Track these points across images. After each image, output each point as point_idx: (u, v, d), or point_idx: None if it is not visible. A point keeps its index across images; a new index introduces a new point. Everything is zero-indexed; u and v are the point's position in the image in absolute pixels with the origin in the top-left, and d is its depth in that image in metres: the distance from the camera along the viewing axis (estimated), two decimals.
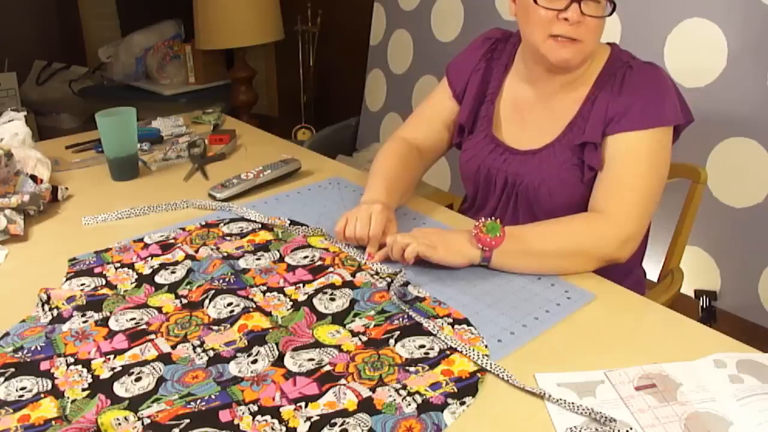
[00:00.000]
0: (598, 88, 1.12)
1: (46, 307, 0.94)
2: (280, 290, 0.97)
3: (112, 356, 0.83)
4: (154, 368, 0.81)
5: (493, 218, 1.01)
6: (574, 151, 1.12)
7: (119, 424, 0.70)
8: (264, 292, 0.97)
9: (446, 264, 1.00)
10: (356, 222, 1.08)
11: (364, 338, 0.86)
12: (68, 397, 0.76)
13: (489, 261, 1.00)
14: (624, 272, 1.12)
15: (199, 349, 0.84)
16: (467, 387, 0.77)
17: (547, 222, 1.06)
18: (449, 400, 0.75)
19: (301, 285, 0.99)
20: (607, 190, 1.06)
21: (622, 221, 1.03)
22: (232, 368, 0.81)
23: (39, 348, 0.85)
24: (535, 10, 1.06)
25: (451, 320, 0.89)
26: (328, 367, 0.80)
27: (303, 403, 0.74)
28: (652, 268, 1.46)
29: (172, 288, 0.99)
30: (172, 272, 1.03)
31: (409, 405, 0.74)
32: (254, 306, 0.93)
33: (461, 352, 0.82)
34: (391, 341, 0.85)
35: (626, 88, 1.08)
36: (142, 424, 0.71)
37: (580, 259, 1.01)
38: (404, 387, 0.77)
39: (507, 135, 1.21)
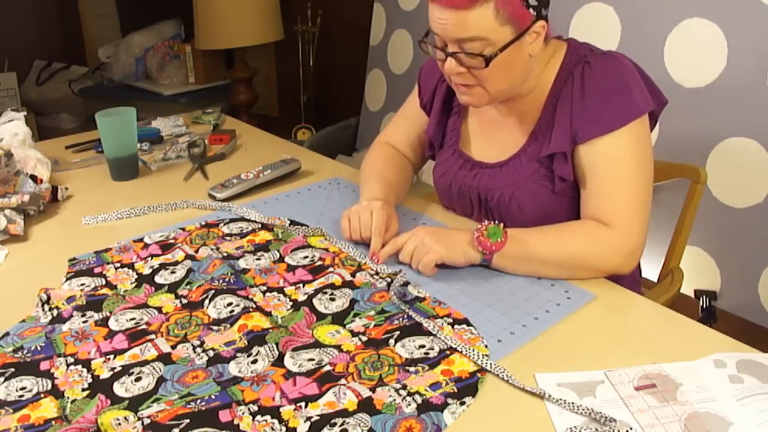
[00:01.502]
0: (557, 91, 1.07)
1: (46, 307, 0.94)
2: (280, 290, 0.97)
3: (112, 356, 0.83)
4: (154, 368, 0.81)
5: (495, 222, 1.00)
6: (542, 163, 1.08)
7: (119, 424, 0.70)
8: (264, 292, 0.97)
9: (446, 262, 1.00)
10: (358, 220, 1.09)
11: (364, 338, 0.86)
12: (68, 397, 0.76)
13: (489, 262, 1.00)
14: None
15: (199, 349, 0.84)
16: (467, 387, 0.77)
17: (552, 228, 1.03)
18: (449, 400, 0.75)
19: (301, 285, 0.99)
20: (602, 201, 1.02)
21: (625, 234, 1.00)
22: (232, 368, 0.81)
23: (39, 348, 0.85)
24: None
25: (451, 320, 0.89)
26: (328, 367, 0.80)
27: (303, 403, 0.74)
28: (652, 268, 1.46)
29: (172, 288, 0.99)
30: (172, 272, 1.03)
31: (409, 405, 0.74)
32: (254, 306, 0.93)
33: (461, 352, 0.82)
34: (391, 341, 0.85)
35: (588, 88, 1.02)
36: (142, 424, 0.71)
37: (582, 272, 1.00)
38: (404, 387, 0.77)
39: (475, 149, 1.19)
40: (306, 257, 1.07)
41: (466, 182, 1.18)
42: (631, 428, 0.70)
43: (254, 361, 0.81)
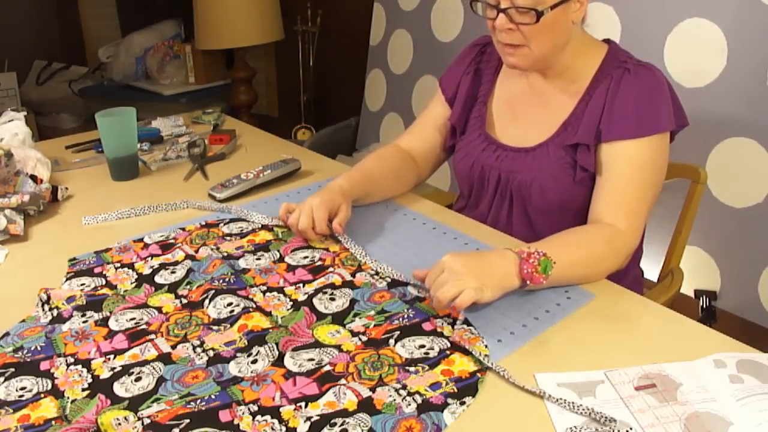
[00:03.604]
0: (593, 88, 1.12)
1: (46, 307, 0.94)
2: (280, 290, 0.97)
3: (112, 356, 0.83)
4: (154, 368, 0.81)
5: (542, 253, 0.92)
6: (566, 151, 1.12)
7: (119, 424, 0.70)
8: (264, 292, 0.97)
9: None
10: (299, 216, 1.09)
11: (364, 338, 0.86)
12: (68, 397, 0.76)
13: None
14: (622, 271, 1.12)
15: (199, 349, 0.84)
16: (467, 387, 0.77)
17: (573, 240, 1.00)
18: (449, 400, 0.75)
19: (301, 285, 0.99)
20: (614, 200, 1.05)
21: (633, 236, 1.05)
22: (232, 368, 0.81)
23: (39, 348, 0.85)
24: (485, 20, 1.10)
25: (451, 320, 0.89)
26: (328, 367, 0.80)
27: (303, 403, 0.74)
28: (652, 268, 1.46)
29: (172, 288, 0.99)
30: (172, 272, 1.03)
31: (409, 405, 0.74)
32: (254, 306, 0.93)
33: (461, 351, 0.82)
34: (391, 341, 0.85)
35: (622, 92, 1.07)
36: (142, 424, 0.71)
37: (598, 276, 1.00)
38: (404, 387, 0.77)
39: (500, 132, 1.22)
40: (306, 257, 1.07)
41: (488, 163, 1.20)
42: (631, 428, 0.70)
43: (254, 361, 0.81)
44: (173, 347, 0.85)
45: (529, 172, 1.15)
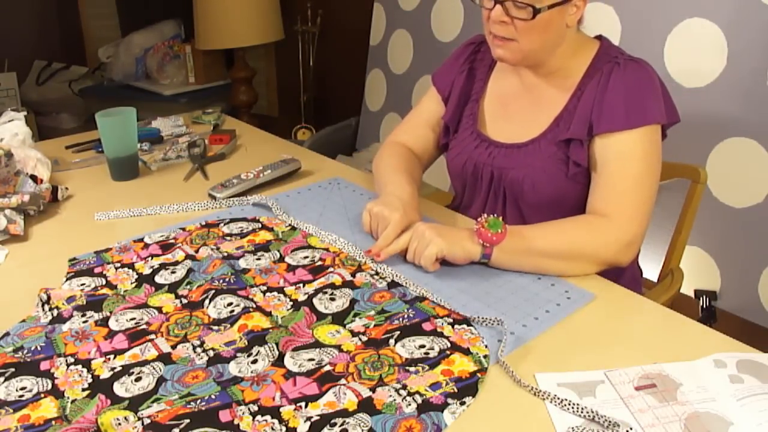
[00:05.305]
0: (584, 83, 1.12)
1: (46, 307, 0.94)
2: (280, 290, 0.97)
3: (112, 356, 0.83)
4: (154, 368, 0.81)
5: (495, 215, 1.01)
6: (559, 147, 1.12)
7: (119, 424, 0.70)
8: (264, 292, 0.97)
9: (446, 256, 1.00)
10: (377, 226, 1.09)
11: (364, 338, 0.86)
12: (68, 397, 0.76)
13: (489, 258, 1.00)
14: (619, 270, 1.13)
15: (199, 349, 0.84)
16: (467, 387, 0.77)
17: (549, 222, 1.05)
18: (449, 400, 0.75)
19: (301, 285, 0.99)
20: (606, 194, 1.05)
21: (624, 224, 1.03)
22: (232, 368, 0.81)
23: (39, 348, 0.85)
24: (480, 9, 1.11)
25: (451, 320, 0.89)
26: (328, 367, 0.80)
27: (303, 403, 0.74)
28: (652, 268, 1.46)
29: (172, 288, 0.99)
30: (172, 272, 1.03)
31: (409, 405, 0.74)
32: (254, 306, 0.93)
33: (461, 351, 0.82)
34: (391, 341, 0.85)
35: (612, 85, 1.08)
36: (142, 424, 0.71)
37: (581, 263, 1.01)
38: (404, 387, 0.77)
39: (492, 130, 1.23)
40: (306, 257, 1.07)
41: (481, 160, 1.21)
42: (631, 428, 0.70)
43: (254, 361, 0.81)
44: (173, 347, 0.85)
45: (521, 168, 1.15)
